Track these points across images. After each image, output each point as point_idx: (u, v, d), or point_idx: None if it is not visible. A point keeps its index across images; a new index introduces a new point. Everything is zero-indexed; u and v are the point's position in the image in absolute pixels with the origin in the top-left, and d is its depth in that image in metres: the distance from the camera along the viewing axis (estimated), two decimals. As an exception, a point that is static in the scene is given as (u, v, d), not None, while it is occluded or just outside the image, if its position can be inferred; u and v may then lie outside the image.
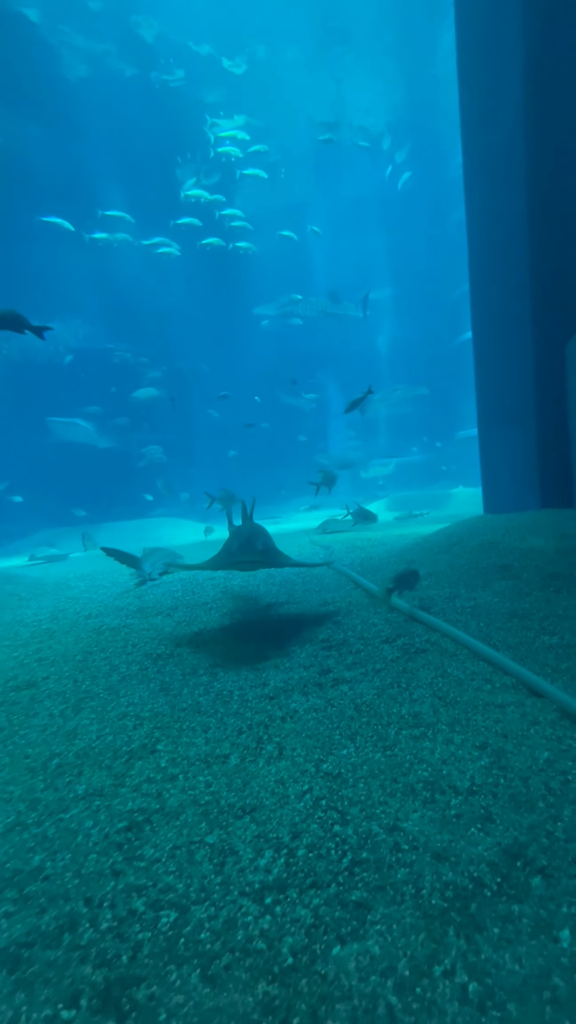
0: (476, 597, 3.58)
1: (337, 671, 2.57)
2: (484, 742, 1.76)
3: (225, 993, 0.90)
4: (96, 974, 0.95)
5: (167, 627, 3.87)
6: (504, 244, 5.76)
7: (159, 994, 0.90)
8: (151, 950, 1.01)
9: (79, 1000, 0.91)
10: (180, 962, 0.97)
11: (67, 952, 1.01)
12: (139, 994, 0.90)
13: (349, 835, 1.37)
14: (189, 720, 2.24)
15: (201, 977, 0.93)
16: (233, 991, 0.90)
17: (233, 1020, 0.84)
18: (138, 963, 0.97)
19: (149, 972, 0.95)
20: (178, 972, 0.95)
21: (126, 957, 0.98)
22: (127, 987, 0.91)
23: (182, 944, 1.02)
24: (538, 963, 0.92)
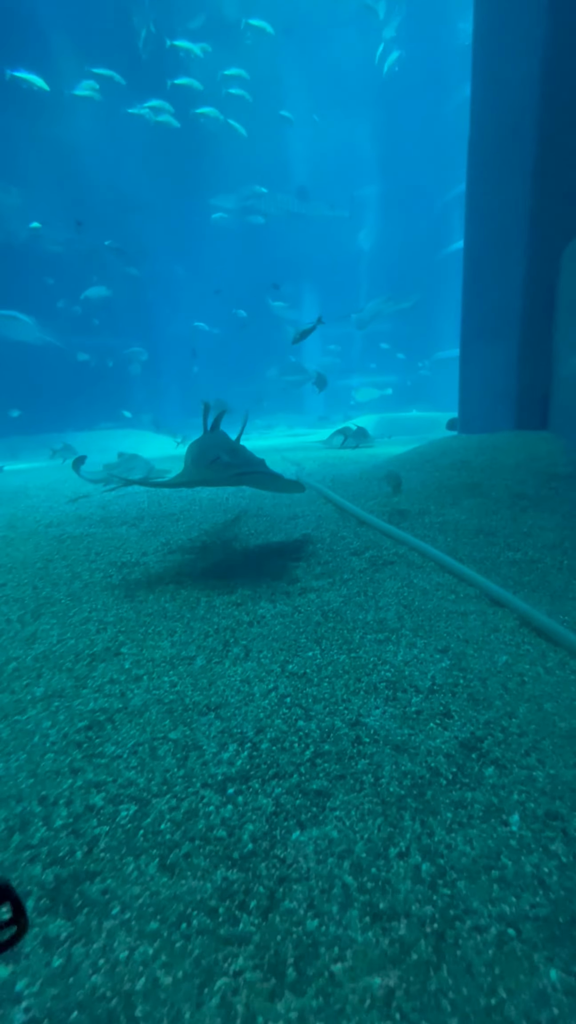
0: (445, 514, 3.59)
1: (305, 580, 2.57)
2: (446, 646, 1.80)
3: (183, 881, 0.90)
4: (47, 872, 0.93)
5: (132, 536, 3.76)
6: (509, 134, 5.08)
7: (114, 887, 0.89)
8: (108, 844, 1.00)
9: (26, 901, 0.89)
10: (138, 853, 0.97)
11: (15, 853, 0.99)
12: (92, 889, 0.89)
13: (312, 729, 1.40)
14: (155, 624, 2.21)
15: (159, 867, 0.94)
16: (192, 879, 0.91)
17: (191, 907, 0.85)
18: (93, 858, 0.96)
19: (104, 866, 0.94)
20: (135, 864, 0.95)
21: (80, 853, 0.97)
22: (79, 883, 0.91)
23: (141, 836, 1.02)
24: (488, 845, 0.97)
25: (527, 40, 4.66)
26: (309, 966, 0.75)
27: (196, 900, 0.86)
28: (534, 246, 4.83)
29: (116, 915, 0.84)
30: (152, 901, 0.86)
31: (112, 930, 0.81)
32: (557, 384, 4.65)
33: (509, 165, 5.12)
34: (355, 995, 0.71)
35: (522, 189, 4.86)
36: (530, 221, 4.83)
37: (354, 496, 4.33)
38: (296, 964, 0.76)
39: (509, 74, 5.07)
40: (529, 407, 5.09)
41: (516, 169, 4.95)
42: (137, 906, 0.85)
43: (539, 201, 4.75)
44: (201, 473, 2.81)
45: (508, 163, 5.15)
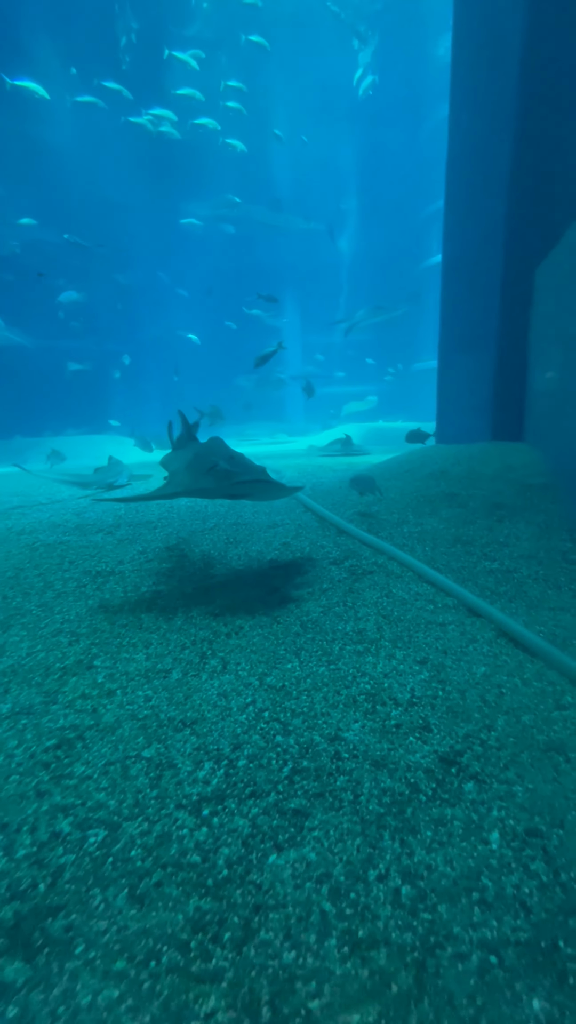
0: (424, 523, 3.62)
1: (284, 590, 2.54)
2: (425, 657, 1.79)
3: (154, 913, 0.85)
4: (5, 910, 0.87)
5: (108, 545, 3.67)
6: (484, 159, 5.23)
7: (78, 923, 0.84)
8: (74, 874, 0.94)
9: None
10: (106, 884, 0.92)
11: None
12: (55, 926, 0.83)
13: (291, 745, 1.36)
14: (130, 636, 2.14)
15: (128, 898, 0.89)
16: (163, 910, 0.86)
17: (161, 942, 0.80)
18: (57, 890, 0.90)
19: (69, 899, 0.88)
20: (102, 896, 0.89)
21: (43, 886, 0.91)
22: (41, 919, 0.85)
23: (110, 864, 0.97)
24: (468, 864, 0.95)
25: (504, 60, 4.82)
26: (285, 1004, 0.71)
27: (167, 934, 0.82)
28: (509, 262, 4.97)
29: (80, 954, 0.79)
30: (119, 937, 0.81)
31: (75, 972, 0.76)
32: (532, 396, 4.77)
33: (485, 182, 5.27)
34: (333, 1035, 0.68)
35: (498, 207, 5.00)
36: (505, 238, 4.97)
37: (334, 505, 4.33)
38: (271, 1002, 0.72)
39: (486, 93, 5.23)
40: (505, 418, 5.21)
41: (492, 186, 5.09)
42: (103, 943, 0.80)
43: (514, 218, 4.89)
44: (196, 482, 2.50)
45: (484, 180, 5.30)
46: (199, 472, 2.54)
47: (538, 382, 4.50)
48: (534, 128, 4.67)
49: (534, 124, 4.66)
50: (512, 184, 4.81)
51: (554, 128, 4.64)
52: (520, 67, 4.60)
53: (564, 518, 3.38)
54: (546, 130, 4.65)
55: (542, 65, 4.56)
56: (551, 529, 3.27)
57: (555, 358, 3.96)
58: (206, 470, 2.45)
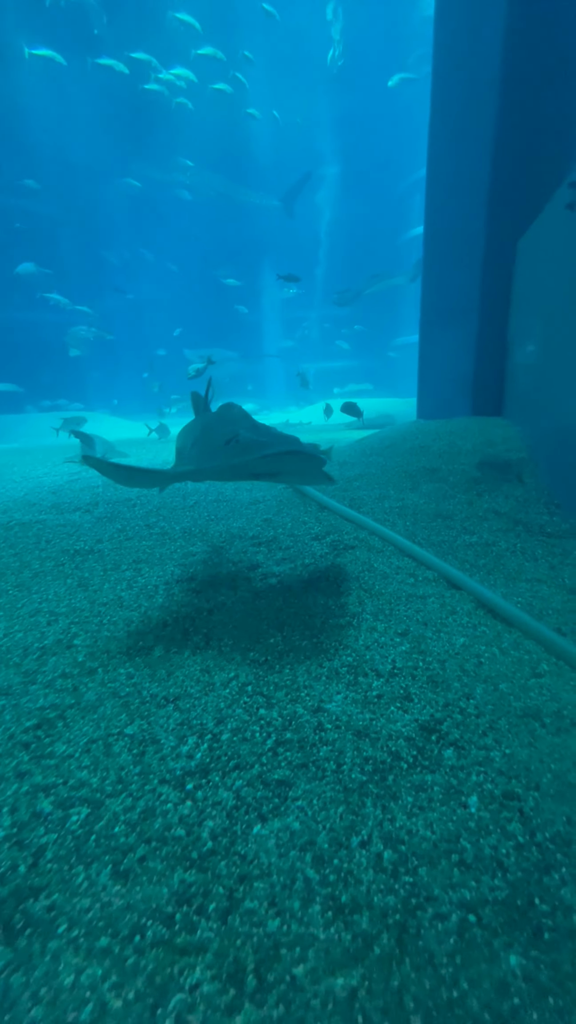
0: (404, 498, 3.63)
1: (266, 566, 2.52)
2: (406, 629, 1.81)
3: (138, 888, 0.85)
4: (-17, 893, 0.85)
5: (86, 523, 3.59)
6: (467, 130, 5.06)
7: (60, 902, 0.83)
8: (56, 853, 0.93)
9: None
10: (89, 861, 0.91)
11: None
12: (36, 907, 0.83)
13: (274, 718, 1.37)
14: (110, 615, 2.11)
15: (112, 874, 0.88)
16: (147, 884, 0.86)
17: (145, 916, 0.80)
18: (38, 871, 0.89)
19: (51, 879, 0.88)
20: (85, 873, 0.89)
21: (24, 867, 0.90)
22: (22, 900, 0.84)
23: (93, 842, 0.96)
24: (448, 828, 0.97)
25: (488, 25, 4.62)
26: (270, 971, 0.72)
27: (151, 908, 0.82)
28: (491, 235, 4.88)
29: (62, 934, 0.78)
30: (103, 914, 0.81)
31: (57, 952, 0.75)
32: (512, 371, 4.77)
33: (467, 154, 5.12)
34: (317, 999, 0.69)
35: (480, 178, 4.88)
36: (488, 210, 4.87)
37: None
38: (256, 970, 0.73)
39: (469, 60, 5.03)
40: (485, 393, 5.21)
41: (475, 156, 4.95)
42: (86, 921, 0.80)
43: (497, 188, 4.78)
44: (210, 459, 1.94)
45: (467, 152, 5.14)
46: (213, 447, 1.96)
47: (518, 356, 4.49)
48: (518, 95, 4.53)
49: (518, 91, 4.52)
50: (496, 153, 4.68)
51: (538, 95, 4.50)
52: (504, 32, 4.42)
53: (541, 491, 3.43)
54: (530, 97, 4.52)
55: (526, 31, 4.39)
56: (529, 503, 3.31)
57: (535, 332, 3.95)
58: (223, 443, 1.89)
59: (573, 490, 3.07)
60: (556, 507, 3.18)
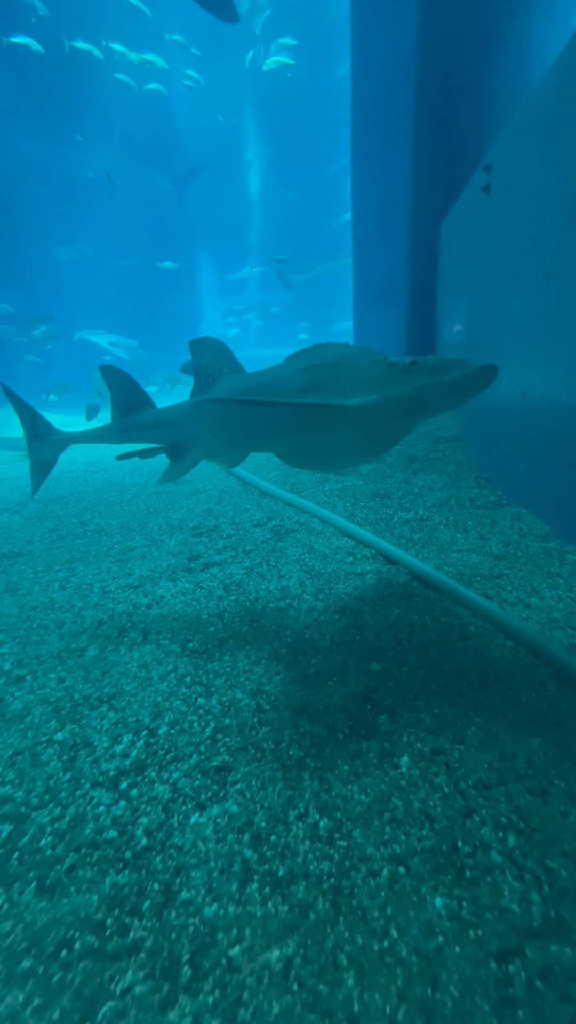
0: (344, 480, 3.68)
1: (207, 555, 2.48)
2: (344, 606, 1.84)
3: (65, 900, 0.81)
4: None
5: (15, 524, 3.37)
6: (387, 118, 5.12)
7: (-27, 929, 0.77)
8: (-31, 876, 0.87)
9: None
10: (10, 882, 0.85)
11: None
12: (-57, 938, 0.76)
13: (213, 705, 1.35)
14: (40, 618, 1.99)
15: (37, 890, 0.83)
16: (76, 895, 0.82)
17: (73, 929, 0.76)
18: (-52, 897, 0.82)
19: (-38, 904, 0.81)
20: (7, 895, 0.83)
21: None
22: None
23: (16, 860, 0.90)
24: (380, 789, 1.00)
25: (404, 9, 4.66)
26: (205, 958, 0.71)
27: (80, 918, 0.78)
28: (416, 219, 4.99)
29: (-24, 959, 0.73)
30: (26, 935, 0.76)
31: (-29, 981, 0.70)
32: (441, 350, 4.93)
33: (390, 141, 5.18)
34: (252, 977, 0.68)
35: (403, 161, 4.95)
36: (412, 193, 4.96)
37: (256, 468, 4.27)
38: (192, 960, 0.71)
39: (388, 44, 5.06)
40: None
41: (397, 141, 5.02)
42: (6, 946, 0.74)
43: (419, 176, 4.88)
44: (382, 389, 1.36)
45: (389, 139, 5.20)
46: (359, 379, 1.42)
47: (446, 336, 4.65)
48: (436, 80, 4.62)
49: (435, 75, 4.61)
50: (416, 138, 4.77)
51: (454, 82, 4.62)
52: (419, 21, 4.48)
53: (472, 467, 3.59)
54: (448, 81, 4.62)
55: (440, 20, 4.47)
56: (460, 478, 3.46)
57: (461, 311, 4.10)
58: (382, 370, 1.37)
59: (499, 465, 3.24)
60: (485, 481, 3.35)
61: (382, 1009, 0.63)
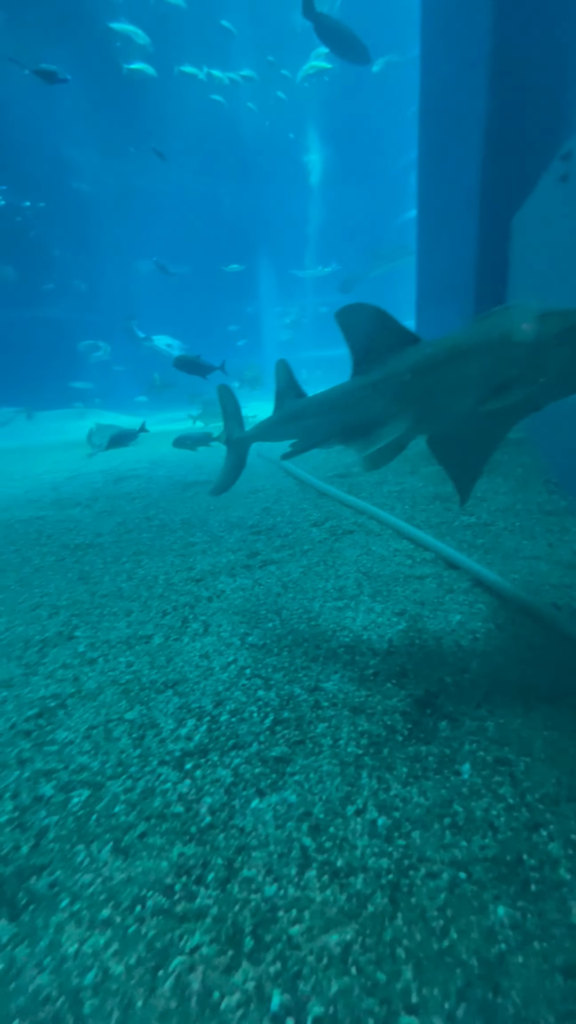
0: (403, 482, 3.63)
1: (265, 553, 2.54)
2: (403, 609, 1.82)
3: (138, 863, 0.88)
4: (-14, 874, 0.88)
5: (86, 518, 3.62)
6: (457, 108, 4.97)
7: (63, 879, 0.86)
8: (57, 834, 0.96)
9: None
10: (90, 840, 0.94)
11: None
12: (39, 884, 0.86)
13: (272, 698, 1.39)
14: (110, 606, 2.13)
15: (113, 851, 0.91)
16: (147, 859, 0.88)
17: (145, 888, 0.83)
18: (40, 851, 0.92)
19: (53, 858, 0.90)
20: (87, 851, 0.91)
21: (26, 847, 0.93)
22: (25, 879, 0.86)
23: (94, 822, 0.98)
24: (441, 794, 0.99)
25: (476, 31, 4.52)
26: (267, 932, 0.75)
27: (151, 880, 0.84)
28: (486, 211, 4.81)
29: (64, 908, 0.81)
30: (104, 888, 0.83)
31: (60, 924, 0.78)
32: (508, 350, 4.72)
33: (459, 133, 5.03)
34: (312, 955, 0.71)
35: (472, 156, 4.79)
36: (481, 185, 4.79)
37: (314, 468, 4.31)
38: (254, 932, 0.75)
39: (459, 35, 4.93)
40: (482, 375, 5.16)
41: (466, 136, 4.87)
42: (88, 895, 0.82)
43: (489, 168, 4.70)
44: None
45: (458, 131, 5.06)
46: None
47: (514, 335, 4.44)
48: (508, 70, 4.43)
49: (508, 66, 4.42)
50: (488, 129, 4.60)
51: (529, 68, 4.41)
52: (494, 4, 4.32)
53: (539, 471, 3.42)
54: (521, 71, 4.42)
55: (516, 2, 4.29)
56: (527, 482, 3.30)
57: (530, 309, 3.90)
58: None
59: (570, 469, 3.06)
60: (554, 486, 3.17)
61: (441, 1004, 0.64)
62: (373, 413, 1.62)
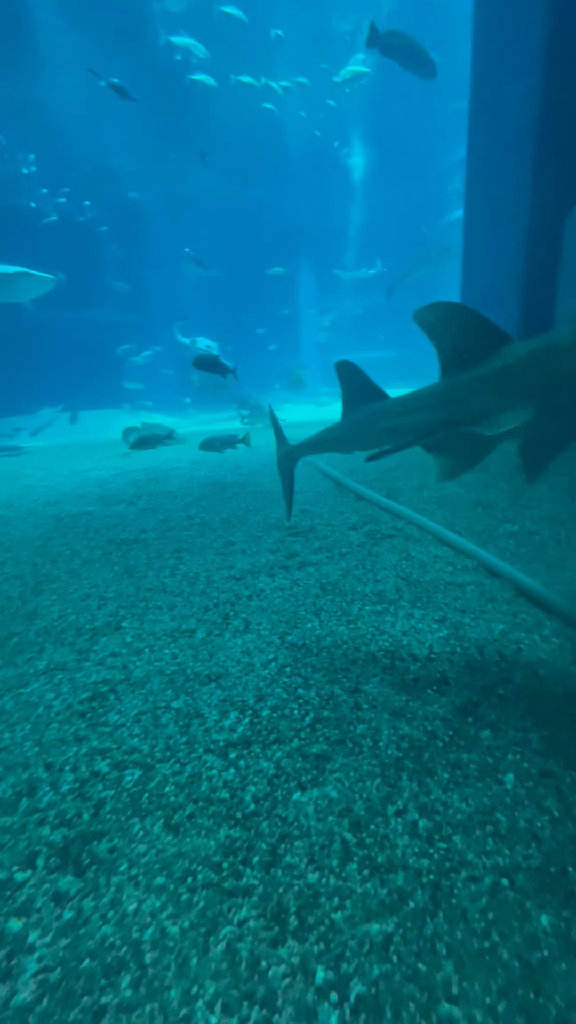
0: (443, 488, 3.58)
1: (303, 555, 2.57)
2: (443, 616, 1.81)
3: (188, 840, 0.93)
4: (55, 834, 0.97)
5: (131, 514, 3.76)
6: (510, 101, 4.85)
7: (120, 846, 0.93)
8: (114, 807, 1.03)
9: (35, 861, 0.93)
10: (143, 815, 1.00)
11: (24, 816, 1.02)
12: (100, 848, 0.93)
13: (312, 697, 1.42)
14: (155, 599, 2.22)
15: (164, 827, 0.97)
16: (196, 837, 0.94)
17: (195, 863, 0.88)
18: (100, 819, 0.99)
19: (111, 827, 0.97)
20: (141, 824, 0.98)
21: (87, 815, 1.00)
22: (87, 842, 0.94)
23: (146, 799, 1.05)
24: (483, 802, 0.99)
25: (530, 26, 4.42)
26: (310, 914, 0.78)
27: (200, 857, 0.89)
28: (536, 213, 4.68)
29: (123, 871, 0.87)
30: (158, 858, 0.89)
31: (120, 885, 0.84)
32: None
33: (511, 129, 4.92)
34: (355, 940, 0.74)
35: (525, 154, 4.68)
36: (533, 187, 4.67)
37: (351, 471, 4.31)
38: (298, 913, 0.79)
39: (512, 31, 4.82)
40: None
41: (519, 133, 4.76)
42: (143, 863, 0.89)
43: (542, 166, 4.58)
44: None
45: (510, 127, 4.95)
46: None
47: (565, 339, 4.30)
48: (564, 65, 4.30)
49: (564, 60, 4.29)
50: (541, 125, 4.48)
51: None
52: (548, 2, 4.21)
53: (589, 480, 3.30)
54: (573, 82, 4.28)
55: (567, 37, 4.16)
56: (574, 491, 3.20)
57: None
58: None
59: (623, 477, 2.95)
60: (604, 495, 3.06)
61: (481, 999, 0.65)
62: (481, 408, 1.57)
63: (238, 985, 0.69)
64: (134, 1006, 0.67)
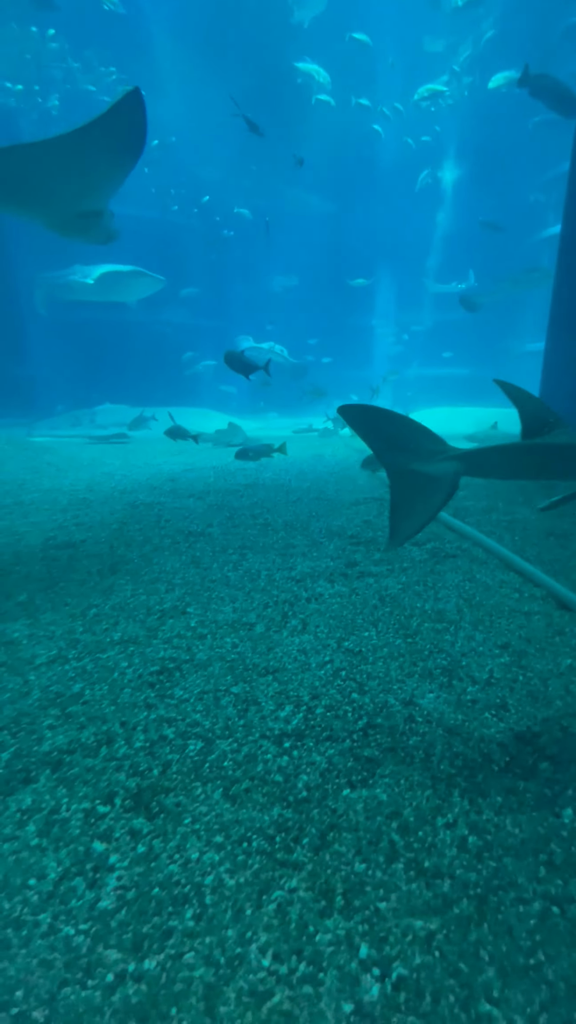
0: (514, 512, 3.46)
1: (364, 565, 2.60)
2: (506, 643, 1.77)
3: (244, 810, 1.01)
4: (130, 780, 1.08)
5: (199, 508, 3.95)
6: None
7: (185, 803, 1.02)
8: (179, 768, 1.13)
9: (114, 799, 1.05)
10: (205, 781, 1.09)
11: (104, 761, 1.15)
12: (167, 801, 1.03)
13: (366, 703, 1.45)
14: (218, 591, 2.34)
15: (223, 795, 1.05)
16: (252, 809, 1.01)
17: (251, 831, 0.95)
18: (167, 777, 1.09)
19: (177, 785, 1.07)
20: (203, 788, 1.06)
21: (157, 771, 1.11)
22: (157, 794, 1.04)
23: (207, 768, 1.13)
24: (537, 831, 0.98)
25: None
26: (356, 898, 0.82)
27: (255, 827, 0.96)
28: None
29: (187, 824, 0.97)
30: (217, 820, 0.97)
31: (185, 834, 0.93)
32: None
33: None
34: (398, 929, 0.77)
35: None
36: None
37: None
38: (344, 894, 0.83)
39: None
40: (620, 408, 4.72)
41: None
42: (205, 821, 0.97)
43: None
44: None
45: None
46: None
47: None
48: None
49: None
50: None
51: None
52: None
53: None
54: None
55: None
56: None
57: None
58: None
59: None
60: None
61: (523, 1007, 0.66)
62: None
63: (287, 940, 0.75)
64: (197, 935, 0.75)
